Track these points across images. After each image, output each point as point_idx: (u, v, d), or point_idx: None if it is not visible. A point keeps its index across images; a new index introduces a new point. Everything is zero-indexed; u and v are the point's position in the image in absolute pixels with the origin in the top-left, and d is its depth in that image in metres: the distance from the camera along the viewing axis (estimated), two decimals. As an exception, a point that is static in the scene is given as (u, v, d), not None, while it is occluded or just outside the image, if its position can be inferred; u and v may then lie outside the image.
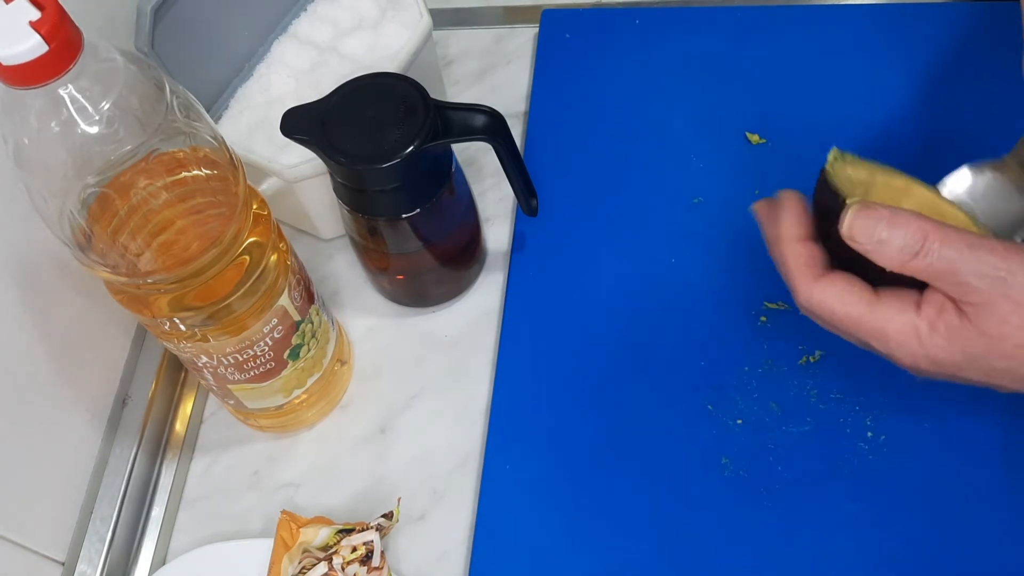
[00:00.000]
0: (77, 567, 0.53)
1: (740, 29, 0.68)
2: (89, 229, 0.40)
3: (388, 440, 0.56)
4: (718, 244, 0.59)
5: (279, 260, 0.48)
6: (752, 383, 0.54)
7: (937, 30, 0.65)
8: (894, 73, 0.63)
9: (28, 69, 0.34)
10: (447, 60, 0.72)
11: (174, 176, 0.41)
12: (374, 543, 0.49)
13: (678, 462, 0.52)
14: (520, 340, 0.57)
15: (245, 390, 0.51)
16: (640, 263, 0.59)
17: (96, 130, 0.37)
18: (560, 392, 0.55)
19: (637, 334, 0.56)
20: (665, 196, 0.61)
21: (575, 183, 0.63)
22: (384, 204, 0.51)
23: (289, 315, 0.49)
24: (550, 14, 0.71)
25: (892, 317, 0.39)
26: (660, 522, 0.50)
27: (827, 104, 0.63)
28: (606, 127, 0.65)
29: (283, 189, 0.58)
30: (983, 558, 0.47)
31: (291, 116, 0.50)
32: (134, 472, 0.56)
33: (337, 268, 0.63)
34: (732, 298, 0.56)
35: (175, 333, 0.46)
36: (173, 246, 0.42)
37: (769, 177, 0.60)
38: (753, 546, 0.49)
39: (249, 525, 0.54)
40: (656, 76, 0.67)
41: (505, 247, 0.62)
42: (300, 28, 0.63)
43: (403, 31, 0.61)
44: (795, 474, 0.51)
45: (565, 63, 0.69)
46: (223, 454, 0.57)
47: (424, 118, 0.48)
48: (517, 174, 0.53)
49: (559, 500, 0.52)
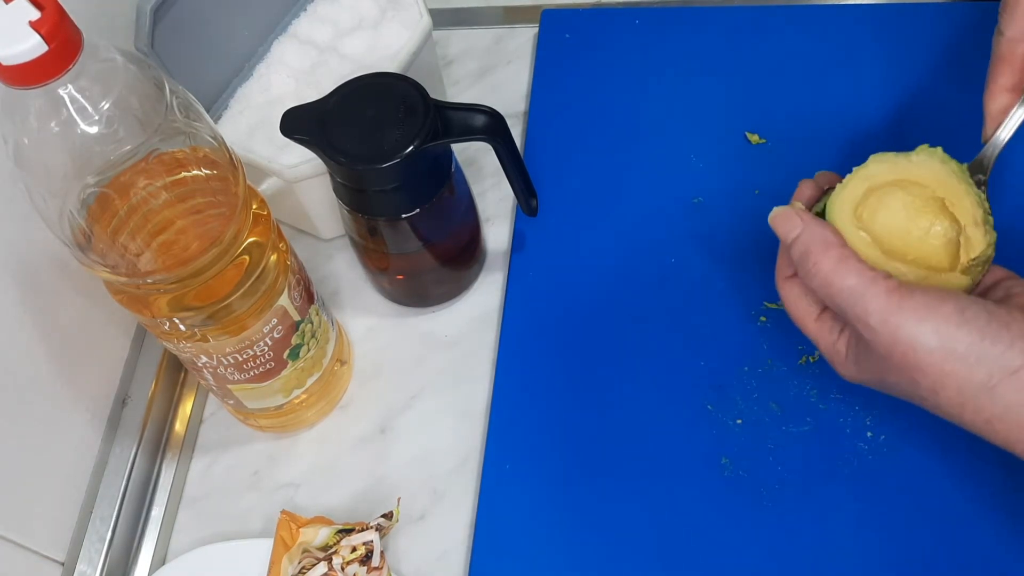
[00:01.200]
0: (77, 567, 0.53)
1: (740, 29, 0.68)
2: (89, 229, 0.40)
3: (388, 440, 0.56)
4: (718, 244, 0.59)
5: (279, 260, 0.48)
6: (752, 383, 0.54)
7: (937, 30, 0.65)
8: (894, 73, 0.63)
9: (28, 69, 0.34)
10: (447, 60, 0.72)
11: (174, 176, 0.41)
12: (374, 543, 0.49)
13: (678, 462, 0.52)
14: (520, 340, 0.57)
15: (245, 390, 0.51)
16: (640, 263, 0.59)
17: (96, 130, 0.37)
18: (560, 392, 0.55)
19: (637, 334, 0.56)
20: (665, 196, 0.61)
21: (575, 183, 0.63)
22: (384, 204, 0.51)
23: (289, 315, 0.49)
24: (550, 14, 0.71)
25: (823, 335, 0.44)
26: (660, 522, 0.50)
27: (827, 104, 0.63)
28: (606, 127, 0.65)
29: (283, 189, 0.58)
30: (983, 558, 0.47)
31: (291, 116, 0.50)
32: (134, 472, 0.56)
33: (337, 268, 0.63)
34: (732, 298, 0.56)
35: (175, 333, 0.46)
36: (173, 246, 0.42)
37: (769, 177, 0.60)
38: (753, 546, 0.49)
39: (249, 525, 0.54)
40: (656, 76, 0.67)
41: (505, 247, 0.62)
42: (300, 28, 0.63)
43: (403, 31, 0.61)
44: (795, 474, 0.51)
45: (565, 63, 0.69)
46: (223, 454, 0.57)
47: (424, 118, 0.48)
48: (517, 174, 0.53)
49: (559, 500, 0.52)
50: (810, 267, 0.41)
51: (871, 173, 0.45)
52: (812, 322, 0.44)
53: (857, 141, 0.60)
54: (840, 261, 0.40)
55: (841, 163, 0.60)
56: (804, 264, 0.41)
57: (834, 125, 0.62)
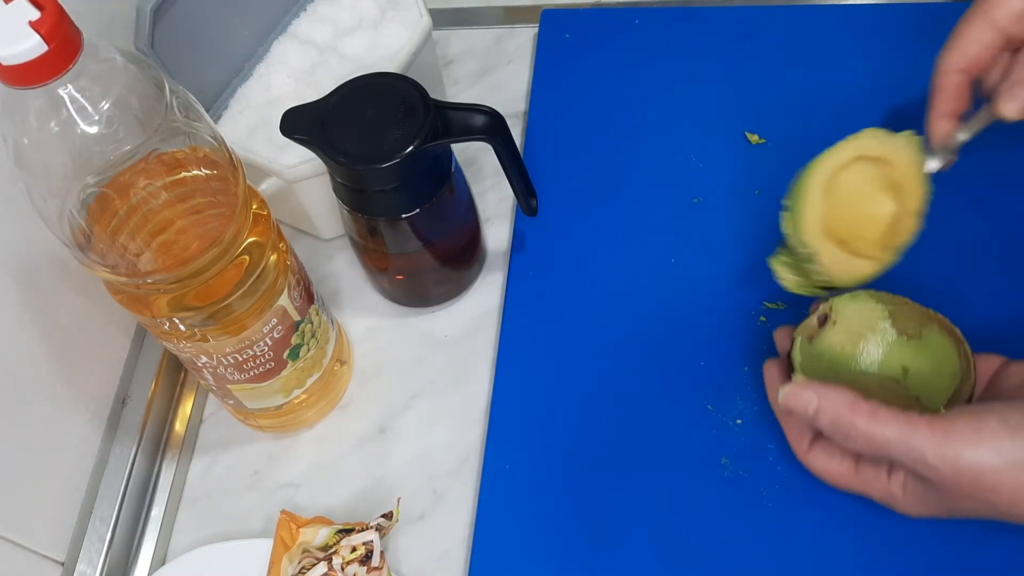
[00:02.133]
0: (77, 567, 0.53)
1: (740, 29, 0.68)
2: (89, 229, 0.40)
3: (388, 440, 0.56)
4: (718, 244, 0.59)
5: (279, 260, 0.48)
6: (752, 383, 0.54)
7: (937, 30, 0.64)
8: (894, 73, 0.63)
9: (28, 69, 0.34)
10: (447, 60, 0.72)
11: (174, 176, 0.41)
12: (374, 543, 0.49)
13: (678, 462, 0.52)
14: (520, 340, 0.57)
15: (245, 390, 0.51)
16: (640, 263, 0.59)
17: (96, 130, 0.37)
18: (560, 392, 0.55)
19: (637, 334, 0.56)
20: (665, 196, 0.61)
21: (575, 183, 0.63)
22: (384, 204, 0.51)
23: (289, 315, 0.49)
24: (550, 14, 0.71)
25: (870, 482, 0.44)
26: (660, 522, 0.50)
27: (827, 104, 0.63)
28: (606, 127, 0.65)
29: (283, 189, 0.58)
30: (982, 558, 0.47)
31: (291, 116, 0.50)
32: (134, 472, 0.56)
33: (337, 268, 0.63)
34: (732, 298, 0.56)
35: (175, 333, 0.46)
36: (173, 246, 0.42)
37: (769, 177, 0.60)
38: (753, 546, 0.49)
39: (249, 525, 0.54)
40: (656, 76, 0.67)
41: (505, 247, 0.62)
42: (300, 28, 0.63)
43: (403, 31, 0.61)
44: (795, 474, 0.51)
45: (565, 63, 0.69)
46: (223, 454, 0.57)
47: (424, 118, 0.48)
48: (517, 174, 0.53)
49: (559, 500, 0.52)
50: (847, 431, 0.41)
51: (862, 144, 0.49)
52: (853, 478, 0.44)
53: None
54: (873, 415, 0.40)
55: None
56: (839, 430, 0.41)
57: (834, 125, 0.62)
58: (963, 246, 0.56)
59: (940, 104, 0.49)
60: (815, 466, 0.46)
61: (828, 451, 0.45)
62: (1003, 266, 0.55)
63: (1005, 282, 0.54)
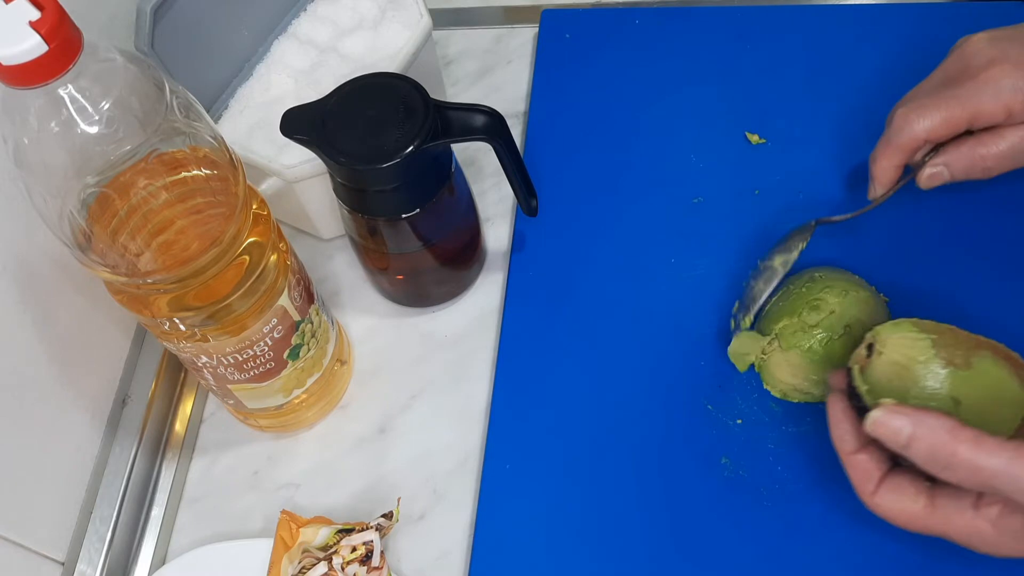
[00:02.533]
0: (77, 567, 0.53)
1: (740, 29, 0.68)
2: (89, 229, 0.40)
3: (388, 440, 0.56)
4: (718, 244, 0.59)
5: (279, 260, 0.48)
6: (752, 383, 0.54)
7: (937, 30, 0.64)
8: (894, 73, 0.63)
9: (28, 69, 0.34)
10: (447, 60, 0.72)
11: (174, 176, 0.41)
12: (374, 543, 0.49)
13: (678, 462, 0.52)
14: (520, 340, 0.57)
15: (245, 390, 0.51)
16: (640, 263, 0.59)
17: (96, 130, 0.37)
18: (560, 392, 0.55)
19: (637, 334, 0.56)
20: (665, 196, 0.61)
21: (575, 183, 0.63)
22: (384, 204, 0.51)
23: (289, 315, 0.49)
24: (550, 14, 0.71)
25: (951, 517, 0.40)
26: (660, 522, 0.50)
27: (827, 104, 0.63)
28: (606, 127, 0.65)
29: (283, 189, 0.58)
30: (983, 557, 0.47)
31: (291, 116, 0.50)
32: (134, 472, 0.56)
33: (337, 268, 0.63)
34: (732, 298, 0.56)
35: (175, 333, 0.46)
36: (173, 246, 0.42)
37: (769, 177, 0.60)
38: (753, 546, 0.49)
39: (249, 525, 0.54)
40: (656, 76, 0.67)
41: (505, 247, 0.62)
42: (300, 28, 0.63)
43: (403, 31, 0.61)
44: (795, 474, 0.51)
45: (565, 63, 0.69)
46: (223, 454, 0.57)
47: (424, 118, 0.48)
48: (517, 174, 0.53)
49: (559, 500, 0.52)
50: (947, 460, 0.38)
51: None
52: (930, 517, 0.41)
53: (857, 141, 0.60)
54: (976, 443, 0.37)
55: (840, 163, 0.61)
56: (937, 460, 0.38)
57: (834, 125, 0.62)
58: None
59: (889, 156, 0.51)
60: (884, 508, 0.42)
61: (899, 490, 0.41)
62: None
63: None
